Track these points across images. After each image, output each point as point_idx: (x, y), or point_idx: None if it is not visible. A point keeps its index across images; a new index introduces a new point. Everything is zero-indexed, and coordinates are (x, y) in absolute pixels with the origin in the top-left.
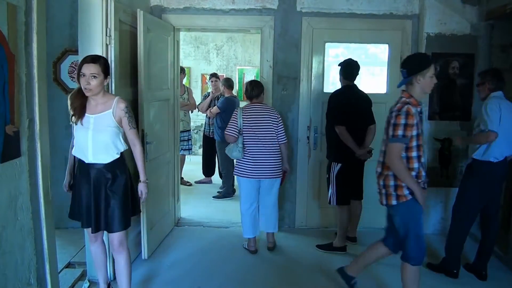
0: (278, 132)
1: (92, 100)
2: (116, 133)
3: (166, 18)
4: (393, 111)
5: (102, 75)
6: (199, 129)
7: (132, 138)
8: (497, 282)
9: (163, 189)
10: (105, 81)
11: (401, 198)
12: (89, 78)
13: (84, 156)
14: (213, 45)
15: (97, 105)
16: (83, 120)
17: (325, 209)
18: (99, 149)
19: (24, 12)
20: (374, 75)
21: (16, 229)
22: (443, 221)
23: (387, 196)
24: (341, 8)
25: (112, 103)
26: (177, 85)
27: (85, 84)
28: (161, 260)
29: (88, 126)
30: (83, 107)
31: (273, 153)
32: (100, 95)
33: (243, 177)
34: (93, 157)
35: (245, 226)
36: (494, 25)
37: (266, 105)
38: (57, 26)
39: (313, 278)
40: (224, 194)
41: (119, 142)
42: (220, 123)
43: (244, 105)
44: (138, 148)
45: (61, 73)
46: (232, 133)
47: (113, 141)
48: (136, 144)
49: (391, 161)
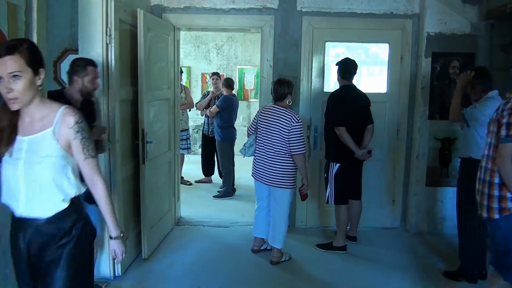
0: (289, 141)
1: (25, 116)
2: (61, 166)
3: (166, 17)
4: (505, 110)
5: (30, 71)
6: (199, 128)
7: (90, 174)
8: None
9: (163, 189)
10: (37, 80)
11: (505, 211)
12: (8, 80)
13: (14, 204)
14: (213, 44)
15: (33, 122)
16: (13, 147)
17: (325, 208)
18: (34, 193)
19: (24, 11)
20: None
21: None
22: (443, 221)
23: (489, 209)
24: (341, 7)
25: (54, 117)
26: (177, 84)
27: (5, 92)
28: (161, 259)
29: (19, 155)
30: (14, 128)
31: (271, 160)
32: (34, 104)
33: (252, 174)
34: (25, 207)
35: (254, 223)
36: (494, 24)
37: (284, 110)
38: (57, 25)
39: (313, 278)
40: (224, 194)
41: (67, 181)
42: (220, 122)
43: (267, 105)
44: (100, 190)
45: (61, 72)
46: (249, 128)
47: (56, 179)
48: (96, 183)
49: (502, 163)
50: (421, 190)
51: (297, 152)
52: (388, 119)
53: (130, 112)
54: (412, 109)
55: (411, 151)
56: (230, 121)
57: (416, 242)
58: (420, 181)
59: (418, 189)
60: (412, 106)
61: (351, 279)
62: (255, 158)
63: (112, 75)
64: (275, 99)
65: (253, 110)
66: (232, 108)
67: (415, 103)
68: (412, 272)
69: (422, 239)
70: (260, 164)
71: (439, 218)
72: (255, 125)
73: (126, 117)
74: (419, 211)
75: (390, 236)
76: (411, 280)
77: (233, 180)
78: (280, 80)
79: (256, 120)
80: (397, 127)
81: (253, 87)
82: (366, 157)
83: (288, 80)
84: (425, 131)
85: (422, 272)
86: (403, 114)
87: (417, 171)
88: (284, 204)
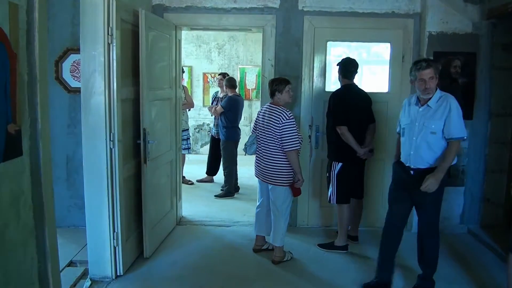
0: (281, 138)
1: None
2: None
3: (168, 17)
4: None
5: None
6: (200, 127)
7: None
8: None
9: (164, 188)
10: None
11: None
12: None
13: None
14: (215, 44)
15: None
16: None
17: (326, 208)
18: None
19: (26, 10)
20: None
21: (18, 228)
22: (444, 220)
23: None
24: (342, 7)
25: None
26: (179, 84)
27: None
28: (163, 259)
29: None
30: None
31: (266, 157)
32: None
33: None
34: None
35: (254, 221)
36: (495, 23)
37: (275, 107)
38: (59, 25)
39: (314, 277)
40: (226, 193)
41: None
42: (224, 122)
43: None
44: None
45: (63, 71)
46: (252, 127)
47: None
48: None
49: None
50: None
51: (289, 148)
52: (390, 119)
53: (132, 111)
54: None
55: None
56: (235, 121)
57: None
58: None
59: None
60: None
61: (352, 279)
62: (255, 156)
63: (114, 74)
64: (270, 96)
65: (254, 109)
66: (237, 108)
67: None
68: (413, 271)
69: None
70: (258, 161)
71: (441, 217)
72: (255, 124)
73: (127, 116)
74: None
75: None
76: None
77: (236, 180)
78: (271, 79)
79: (256, 119)
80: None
81: (255, 87)
82: (368, 156)
83: (279, 78)
84: None
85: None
86: None
87: None
88: (281, 201)
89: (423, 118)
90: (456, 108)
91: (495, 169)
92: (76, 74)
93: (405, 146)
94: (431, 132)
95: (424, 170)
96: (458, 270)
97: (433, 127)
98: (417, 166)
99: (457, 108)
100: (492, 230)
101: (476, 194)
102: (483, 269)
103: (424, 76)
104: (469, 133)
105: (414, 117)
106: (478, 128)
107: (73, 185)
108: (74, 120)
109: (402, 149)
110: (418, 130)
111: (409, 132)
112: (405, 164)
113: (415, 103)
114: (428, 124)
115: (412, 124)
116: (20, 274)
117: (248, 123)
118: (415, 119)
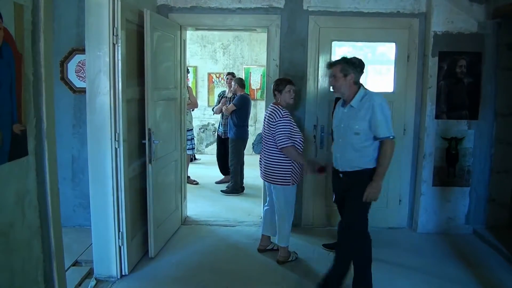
0: (275, 135)
1: None
2: None
3: (172, 17)
4: None
5: None
6: (205, 127)
7: None
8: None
9: (169, 188)
10: None
11: None
12: None
13: None
14: (220, 44)
15: None
16: None
17: (331, 208)
18: None
19: (31, 11)
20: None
21: (24, 227)
22: (450, 221)
23: None
24: (347, 6)
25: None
26: (184, 84)
27: None
28: (168, 258)
29: None
30: None
31: (266, 156)
32: None
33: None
34: None
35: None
36: (501, 23)
37: (273, 106)
38: (64, 25)
39: (319, 278)
40: (231, 189)
41: None
42: (236, 120)
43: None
44: None
45: (68, 72)
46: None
47: None
48: None
49: None
50: (428, 190)
51: (282, 145)
52: (395, 119)
53: (137, 111)
54: (419, 109)
55: (418, 151)
56: (245, 119)
57: (423, 242)
58: (427, 181)
59: (425, 189)
60: (419, 106)
61: None
62: (259, 156)
63: (119, 74)
64: (274, 98)
65: (259, 109)
66: (248, 107)
67: (422, 103)
68: (419, 272)
69: (429, 239)
70: (260, 161)
71: (446, 218)
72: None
73: (132, 116)
74: (426, 211)
75: (396, 236)
76: (419, 280)
77: (240, 178)
78: (275, 80)
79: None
80: (404, 126)
81: (259, 87)
82: None
83: (281, 79)
84: (432, 130)
85: (430, 272)
86: (410, 113)
87: (424, 171)
88: (282, 200)
89: (348, 118)
90: (379, 106)
91: (501, 170)
92: (81, 74)
93: (334, 149)
94: (354, 133)
95: (351, 173)
96: (463, 270)
97: (356, 127)
98: (345, 169)
99: (380, 106)
100: (497, 231)
101: (482, 194)
102: (488, 270)
103: (329, 75)
104: (474, 133)
105: (340, 119)
106: (483, 128)
107: (78, 185)
108: (79, 120)
109: (333, 152)
110: (343, 131)
111: (336, 134)
112: (335, 167)
113: (342, 104)
114: (352, 125)
115: (338, 126)
116: (26, 273)
117: (253, 123)
118: (341, 120)
